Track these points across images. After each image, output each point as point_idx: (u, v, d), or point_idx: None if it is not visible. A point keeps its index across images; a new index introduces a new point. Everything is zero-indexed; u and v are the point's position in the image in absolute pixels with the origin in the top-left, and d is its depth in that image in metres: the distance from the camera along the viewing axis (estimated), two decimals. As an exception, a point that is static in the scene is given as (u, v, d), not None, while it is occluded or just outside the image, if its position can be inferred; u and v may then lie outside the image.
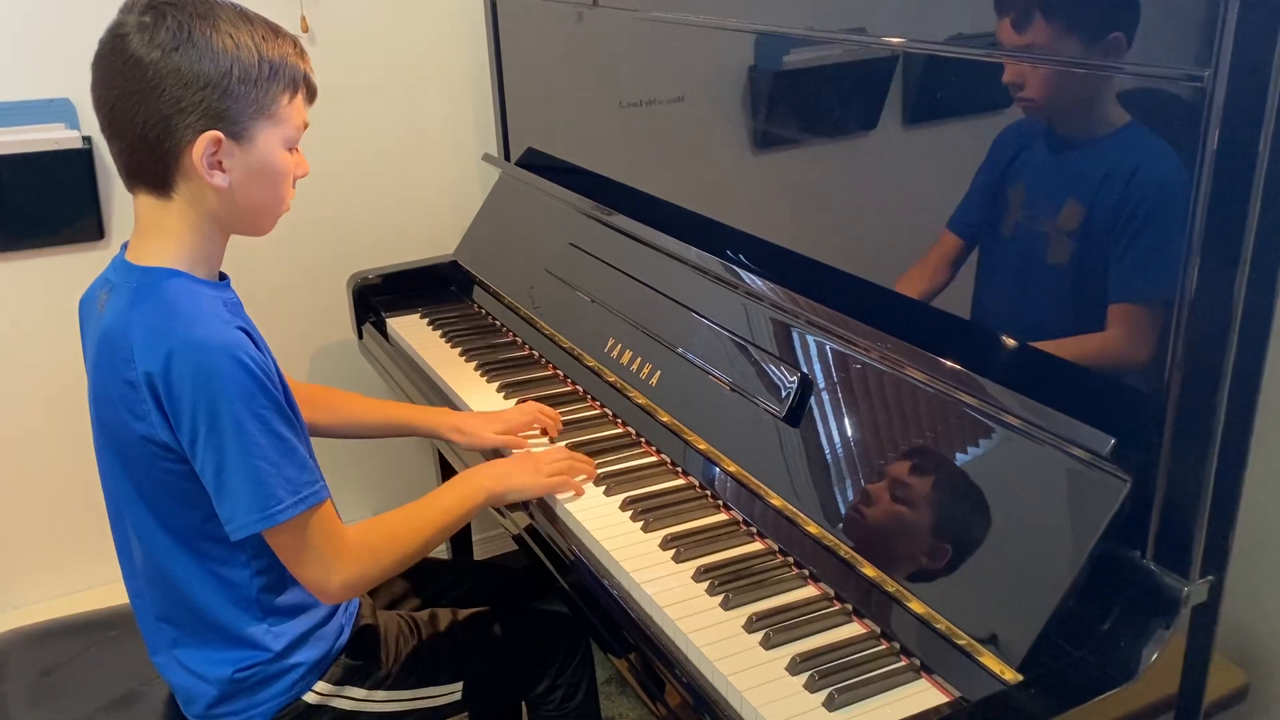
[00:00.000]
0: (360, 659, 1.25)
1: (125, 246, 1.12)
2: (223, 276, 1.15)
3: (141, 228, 1.10)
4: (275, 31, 1.09)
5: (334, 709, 1.22)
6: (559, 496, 1.32)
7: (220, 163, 1.06)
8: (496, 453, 1.46)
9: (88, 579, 2.04)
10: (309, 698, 1.21)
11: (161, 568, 1.14)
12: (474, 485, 1.27)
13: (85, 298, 1.17)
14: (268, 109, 1.07)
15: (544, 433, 1.48)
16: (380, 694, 1.25)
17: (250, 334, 1.09)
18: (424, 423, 1.51)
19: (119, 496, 1.14)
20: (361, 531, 1.15)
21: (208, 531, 1.11)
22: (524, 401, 1.54)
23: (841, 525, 1.14)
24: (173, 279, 1.07)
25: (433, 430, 1.49)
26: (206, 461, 1.04)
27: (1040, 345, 1.05)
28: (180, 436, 1.05)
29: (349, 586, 1.13)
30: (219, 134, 1.04)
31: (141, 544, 1.14)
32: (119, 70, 1.03)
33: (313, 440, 1.21)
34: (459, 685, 1.31)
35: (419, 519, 1.21)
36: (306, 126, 1.13)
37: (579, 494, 1.32)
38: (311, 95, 1.13)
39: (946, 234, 1.15)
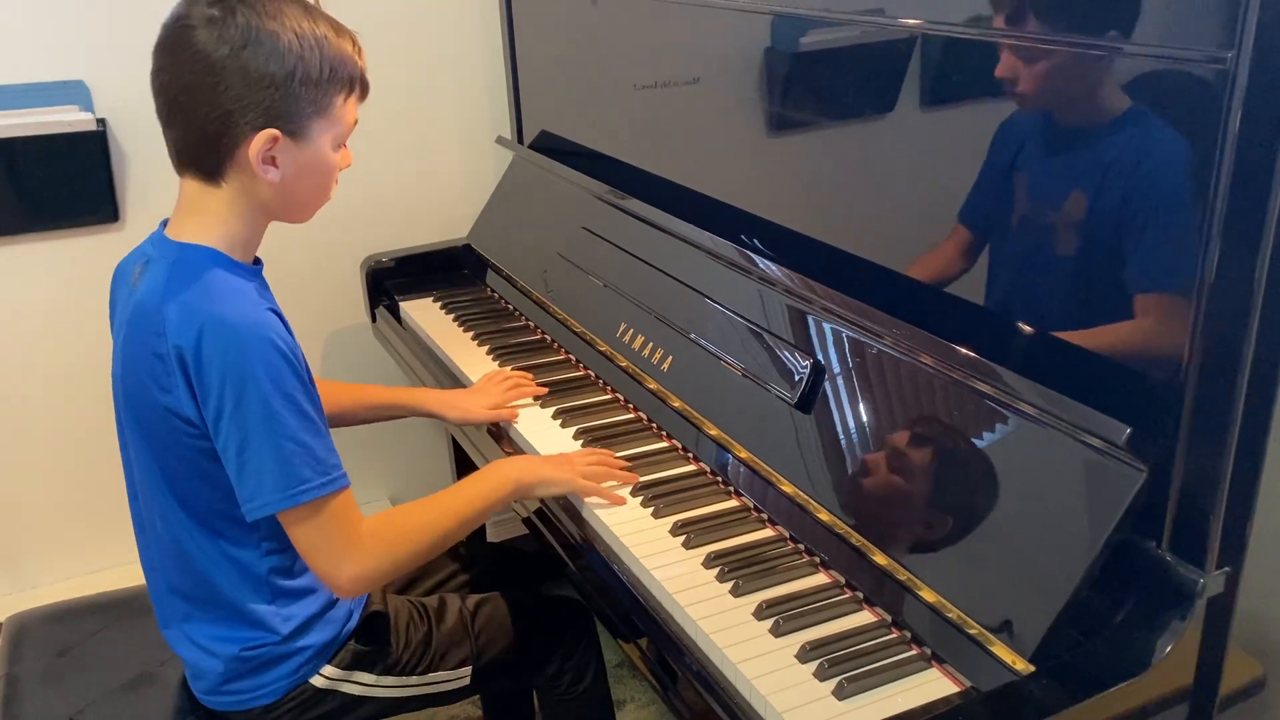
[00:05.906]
0: (369, 644, 1.25)
1: (165, 223, 1.13)
2: (257, 261, 1.16)
3: (184, 207, 1.11)
4: (337, 29, 1.08)
5: (342, 693, 1.23)
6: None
7: (274, 158, 1.06)
8: (495, 435, 1.46)
9: (103, 559, 2.06)
10: (316, 681, 1.21)
11: (176, 542, 1.15)
12: (503, 475, 1.25)
13: (120, 269, 1.18)
14: (325, 109, 1.07)
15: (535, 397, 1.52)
16: (389, 679, 1.26)
17: (280, 317, 1.10)
18: (410, 402, 1.53)
19: (139, 470, 1.15)
20: (377, 524, 1.13)
21: (224, 511, 1.12)
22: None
23: (853, 513, 1.13)
24: (209, 258, 1.08)
25: (422, 408, 1.52)
26: (230, 439, 1.05)
27: (1057, 334, 1.04)
28: (205, 412, 1.05)
29: (358, 579, 1.10)
30: (276, 132, 1.05)
31: (158, 518, 1.15)
32: (184, 62, 1.03)
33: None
34: (468, 670, 1.31)
35: (440, 511, 1.18)
36: (356, 123, 1.13)
37: (617, 503, 1.26)
38: (364, 93, 1.13)
39: (961, 222, 1.14)
